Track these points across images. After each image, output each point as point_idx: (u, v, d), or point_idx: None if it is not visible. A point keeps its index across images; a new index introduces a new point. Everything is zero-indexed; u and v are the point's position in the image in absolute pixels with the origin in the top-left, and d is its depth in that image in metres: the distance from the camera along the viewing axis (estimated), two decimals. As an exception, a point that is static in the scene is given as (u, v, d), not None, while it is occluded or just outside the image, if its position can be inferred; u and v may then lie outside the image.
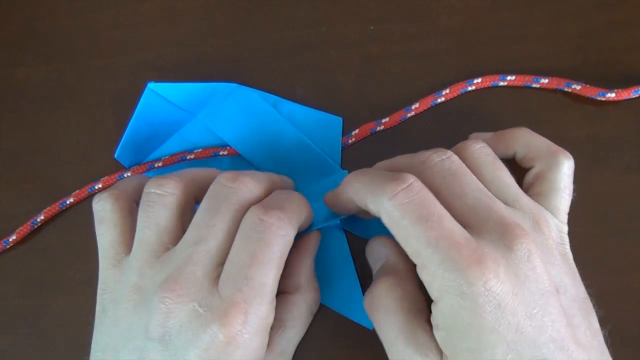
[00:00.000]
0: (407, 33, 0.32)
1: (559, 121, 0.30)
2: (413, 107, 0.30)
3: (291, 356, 0.26)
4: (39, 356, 0.30)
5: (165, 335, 0.21)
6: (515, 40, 0.31)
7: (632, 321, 0.28)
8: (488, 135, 0.27)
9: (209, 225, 0.22)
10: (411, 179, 0.21)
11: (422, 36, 0.31)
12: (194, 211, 0.24)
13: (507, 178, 0.24)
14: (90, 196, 0.30)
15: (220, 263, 0.22)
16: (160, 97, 0.29)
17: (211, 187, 0.23)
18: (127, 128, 0.29)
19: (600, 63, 0.30)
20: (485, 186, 0.23)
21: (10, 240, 0.30)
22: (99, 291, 0.24)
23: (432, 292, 0.21)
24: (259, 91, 0.31)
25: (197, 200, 0.25)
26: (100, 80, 0.32)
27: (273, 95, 0.31)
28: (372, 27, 0.32)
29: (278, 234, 0.22)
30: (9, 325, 0.30)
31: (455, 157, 0.23)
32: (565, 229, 0.24)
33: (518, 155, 0.26)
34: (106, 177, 0.30)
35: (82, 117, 0.32)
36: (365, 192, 0.22)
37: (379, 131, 0.30)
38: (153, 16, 0.33)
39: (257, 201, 0.23)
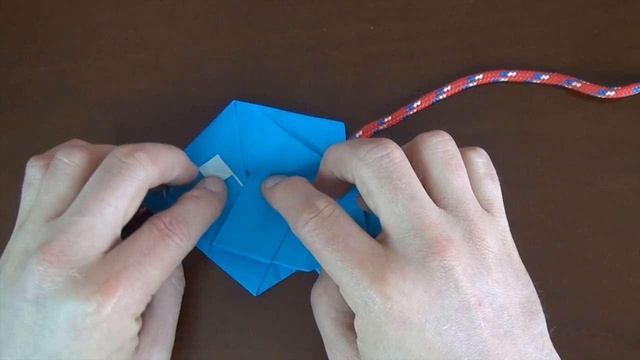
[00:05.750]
0: (407, 33, 0.32)
1: (559, 120, 0.30)
2: (415, 104, 0.30)
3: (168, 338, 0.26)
4: None
5: (40, 298, 0.21)
6: (515, 40, 0.31)
7: (632, 321, 0.28)
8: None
9: (97, 198, 0.22)
10: (324, 204, 0.22)
11: (422, 36, 0.31)
12: None
13: (455, 180, 0.23)
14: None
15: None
16: None
17: (106, 158, 0.24)
18: None
19: (600, 63, 0.30)
20: (430, 187, 0.23)
21: None
22: (4, 253, 0.24)
23: (350, 306, 0.22)
24: (259, 106, 0.30)
25: None
26: (100, 80, 0.32)
27: (273, 109, 0.30)
28: (372, 27, 0.32)
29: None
30: None
31: (396, 154, 0.22)
32: (506, 225, 0.23)
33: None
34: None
35: (82, 117, 0.32)
36: (285, 216, 0.24)
37: (382, 130, 0.30)
38: (153, 16, 0.33)
39: (150, 180, 0.23)
